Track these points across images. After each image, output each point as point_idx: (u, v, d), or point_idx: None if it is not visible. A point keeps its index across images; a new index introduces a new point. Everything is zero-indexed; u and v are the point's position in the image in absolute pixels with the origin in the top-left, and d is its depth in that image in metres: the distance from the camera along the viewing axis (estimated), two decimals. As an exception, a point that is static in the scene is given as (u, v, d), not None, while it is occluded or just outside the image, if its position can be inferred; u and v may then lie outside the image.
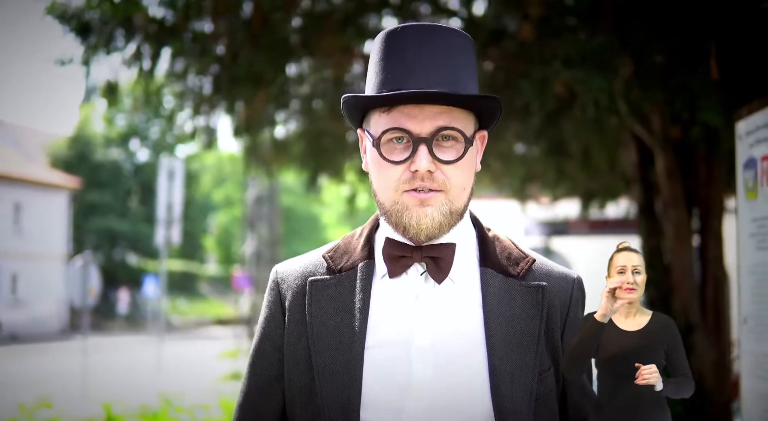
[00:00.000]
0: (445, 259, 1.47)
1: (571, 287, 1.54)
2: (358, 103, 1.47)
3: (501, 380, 1.41)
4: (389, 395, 1.42)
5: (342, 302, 1.48)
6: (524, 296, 1.49)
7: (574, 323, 1.53)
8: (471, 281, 1.50)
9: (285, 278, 1.55)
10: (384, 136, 1.44)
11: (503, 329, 1.45)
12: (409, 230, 1.44)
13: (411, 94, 1.39)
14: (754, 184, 2.68)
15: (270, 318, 1.55)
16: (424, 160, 1.41)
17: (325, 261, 1.54)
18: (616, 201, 9.41)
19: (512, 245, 1.56)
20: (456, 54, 1.46)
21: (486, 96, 1.44)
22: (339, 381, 1.43)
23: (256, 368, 1.55)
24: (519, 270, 1.51)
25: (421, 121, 1.42)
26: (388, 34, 1.48)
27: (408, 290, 1.47)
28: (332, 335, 1.46)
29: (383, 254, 1.50)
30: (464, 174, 1.46)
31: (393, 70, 1.44)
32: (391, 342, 1.44)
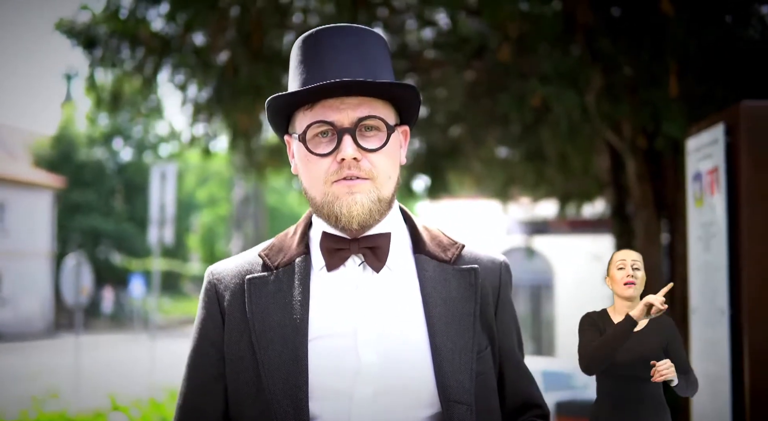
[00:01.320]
0: (381, 248, 1.51)
1: (499, 269, 1.59)
2: (281, 103, 1.49)
3: (443, 360, 1.45)
4: (337, 383, 1.45)
5: (282, 297, 1.50)
6: (458, 279, 1.53)
7: (505, 302, 1.59)
8: (407, 268, 1.54)
9: (221, 279, 1.56)
10: (309, 131, 1.48)
11: (441, 311, 1.49)
12: (341, 218, 1.47)
13: (330, 85, 1.42)
14: (701, 195, 3.12)
15: (207, 319, 1.56)
16: (349, 149, 1.45)
17: (261, 259, 1.56)
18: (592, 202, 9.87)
19: (441, 234, 1.61)
20: (371, 50, 1.50)
21: (402, 83, 1.48)
22: (285, 374, 1.44)
23: (196, 369, 1.55)
24: (450, 255, 1.56)
25: (343, 112, 1.46)
26: (304, 38, 1.53)
27: (347, 281, 1.51)
28: (275, 329, 1.47)
29: (321, 248, 1.53)
30: (389, 162, 1.49)
31: (312, 70, 1.48)
32: (336, 333, 1.47)
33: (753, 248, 2.77)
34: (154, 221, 12.35)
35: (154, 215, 12.35)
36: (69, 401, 7.15)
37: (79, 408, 6.88)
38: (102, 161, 40.92)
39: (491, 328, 1.55)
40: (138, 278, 30.26)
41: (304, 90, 1.44)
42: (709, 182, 3.02)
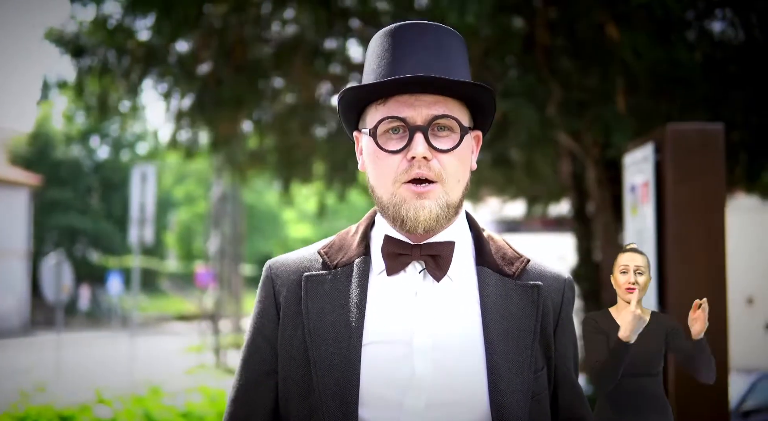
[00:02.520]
0: (444, 257, 1.47)
1: (563, 286, 1.56)
2: (354, 96, 1.47)
3: (499, 377, 1.42)
4: (388, 391, 1.42)
5: (338, 297, 1.47)
6: (520, 295, 1.49)
7: (566, 321, 1.55)
8: (468, 280, 1.50)
9: (279, 274, 1.54)
10: (380, 126, 1.44)
11: (500, 327, 1.45)
12: (406, 222, 1.44)
13: (405, 80, 1.39)
14: (636, 204, 3.54)
15: (263, 313, 1.54)
16: (421, 147, 1.40)
17: (320, 257, 1.54)
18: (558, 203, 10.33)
19: (507, 246, 1.57)
20: (448, 48, 1.47)
21: (480, 84, 1.44)
22: (337, 375, 1.42)
23: (249, 363, 1.54)
24: (514, 270, 1.52)
25: (417, 109, 1.42)
26: (383, 33, 1.49)
27: (406, 287, 1.48)
28: (329, 329, 1.45)
29: (382, 251, 1.49)
30: (460, 165, 1.45)
31: (388, 65, 1.44)
32: (391, 339, 1.44)
33: (676, 252, 3.19)
34: (134, 220, 12.64)
35: (135, 214, 12.64)
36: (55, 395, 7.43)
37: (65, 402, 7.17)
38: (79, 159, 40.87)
39: (549, 347, 1.52)
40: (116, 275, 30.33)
41: (378, 82, 1.41)
42: (642, 194, 3.45)
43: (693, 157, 3.13)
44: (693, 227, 3.14)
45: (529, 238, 18.62)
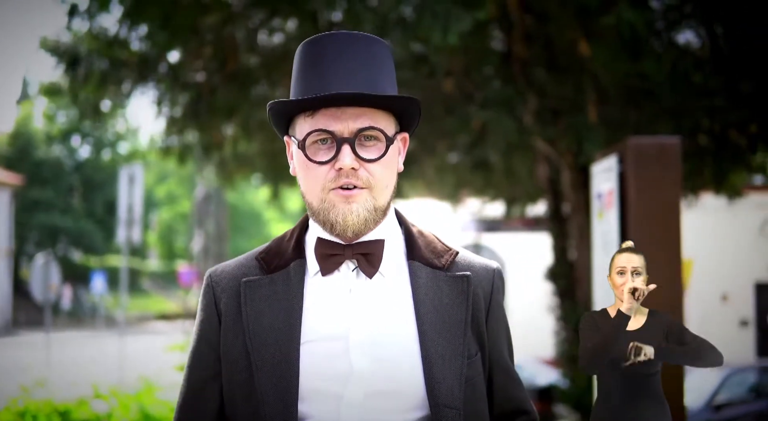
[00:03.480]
0: (375, 254, 1.53)
1: (492, 275, 1.61)
2: (282, 108, 1.53)
3: (433, 365, 1.48)
4: (327, 385, 1.48)
5: (276, 300, 1.53)
6: (450, 285, 1.55)
7: (496, 309, 1.61)
8: (400, 275, 1.56)
9: (219, 281, 1.59)
10: (309, 139, 1.49)
11: (433, 317, 1.52)
12: (336, 226, 1.50)
13: (332, 97, 1.45)
14: (602, 210, 3.90)
15: (205, 320, 1.59)
16: (348, 158, 1.46)
17: (257, 262, 1.59)
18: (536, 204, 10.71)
19: (436, 239, 1.63)
20: (374, 59, 1.52)
21: (403, 97, 1.51)
22: (277, 375, 1.48)
23: (193, 370, 1.59)
24: (444, 262, 1.57)
25: (343, 122, 1.47)
26: (308, 43, 1.54)
27: (341, 286, 1.54)
28: (268, 332, 1.51)
29: (315, 253, 1.55)
30: (386, 172, 1.51)
31: (315, 77, 1.49)
32: (329, 336, 1.50)
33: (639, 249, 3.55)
34: (122, 221, 12.88)
35: (122, 215, 12.88)
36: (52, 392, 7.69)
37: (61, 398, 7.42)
38: (60, 158, 40.80)
39: (482, 334, 1.57)
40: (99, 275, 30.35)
41: (305, 100, 1.47)
42: (607, 201, 3.81)
43: (652, 168, 3.49)
44: (652, 230, 3.50)
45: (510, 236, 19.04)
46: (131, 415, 7.38)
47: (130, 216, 12.80)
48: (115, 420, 7.22)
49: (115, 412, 7.32)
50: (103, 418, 7.25)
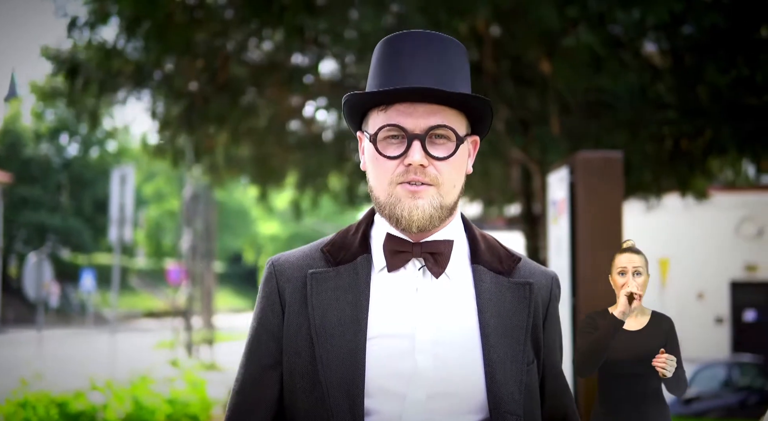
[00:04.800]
0: (443, 254, 1.53)
1: (551, 283, 1.62)
2: (357, 101, 1.53)
3: (495, 370, 1.48)
4: (392, 383, 1.48)
5: (342, 293, 1.53)
6: (513, 292, 1.56)
7: (553, 316, 1.62)
8: (464, 277, 1.56)
9: (282, 271, 1.59)
10: (380, 133, 1.50)
11: (495, 322, 1.52)
12: (401, 221, 1.50)
13: (405, 90, 1.45)
14: (556, 215, 4.37)
15: (267, 309, 1.59)
16: (417, 155, 1.46)
17: (323, 254, 1.59)
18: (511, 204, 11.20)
19: (499, 245, 1.63)
20: (450, 59, 1.52)
21: (476, 96, 1.50)
22: (343, 369, 1.47)
23: (253, 357, 1.58)
24: (507, 268, 1.58)
25: (415, 119, 1.47)
26: (387, 40, 1.55)
27: (407, 284, 1.54)
28: (334, 325, 1.50)
29: (384, 249, 1.55)
30: (455, 171, 1.50)
31: (391, 72, 1.50)
32: (395, 334, 1.50)
33: (585, 256, 4.02)
34: (113, 220, 13.25)
35: (114, 214, 13.25)
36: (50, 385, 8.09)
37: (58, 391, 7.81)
38: (48, 156, 40.91)
39: (539, 341, 1.58)
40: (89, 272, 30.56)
41: (379, 92, 1.48)
42: (560, 208, 4.27)
43: (597, 179, 3.94)
44: (597, 233, 3.96)
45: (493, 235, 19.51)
46: (126, 406, 7.79)
47: (122, 215, 13.17)
48: (111, 411, 7.63)
49: (110, 403, 7.73)
50: (99, 409, 7.66)
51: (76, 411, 7.53)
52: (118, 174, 13.32)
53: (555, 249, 4.43)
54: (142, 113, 45.19)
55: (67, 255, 41.83)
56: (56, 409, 7.50)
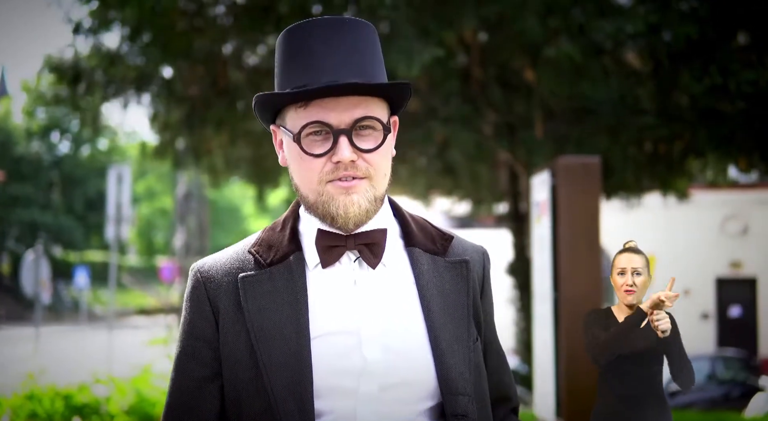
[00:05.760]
0: (377, 244, 1.50)
1: (482, 258, 1.62)
2: (273, 101, 1.48)
3: (444, 352, 1.47)
4: (342, 380, 1.44)
5: (278, 295, 1.48)
6: (450, 271, 1.54)
7: (488, 291, 1.61)
8: (401, 263, 1.54)
9: (210, 277, 1.52)
10: (303, 131, 1.44)
11: (437, 304, 1.50)
12: (337, 219, 1.46)
13: (327, 89, 1.40)
14: (539, 215, 4.69)
15: (197, 318, 1.51)
16: (346, 151, 1.42)
17: (252, 256, 1.53)
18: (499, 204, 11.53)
19: (430, 225, 1.60)
20: (364, 45, 1.47)
21: (399, 83, 1.47)
22: (289, 372, 1.43)
23: (187, 369, 1.51)
24: (441, 247, 1.56)
25: (339, 113, 1.43)
26: (293, 29, 1.48)
27: (344, 278, 1.50)
28: (275, 328, 1.46)
29: (317, 245, 1.50)
30: (384, 160, 1.48)
31: (304, 65, 1.44)
32: (339, 330, 1.47)
33: (566, 253, 4.34)
34: (110, 219, 13.51)
35: (111, 213, 13.51)
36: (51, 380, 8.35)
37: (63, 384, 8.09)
38: (40, 154, 40.98)
39: (479, 317, 1.57)
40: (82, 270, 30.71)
41: (299, 92, 1.42)
42: (542, 208, 4.59)
43: (576, 183, 4.26)
44: (577, 232, 4.28)
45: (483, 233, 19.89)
46: (128, 399, 8.07)
47: (119, 214, 13.44)
48: (114, 404, 7.90)
49: (113, 396, 8.01)
50: (103, 401, 7.93)
51: (80, 403, 7.79)
52: (114, 173, 13.59)
53: (538, 247, 4.76)
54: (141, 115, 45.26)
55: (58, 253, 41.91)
56: (62, 401, 7.77)
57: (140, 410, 7.98)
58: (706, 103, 6.03)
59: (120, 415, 7.77)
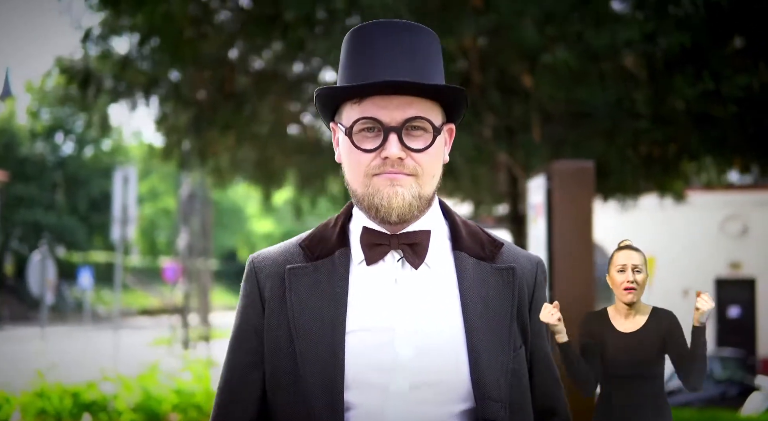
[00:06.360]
0: (421, 245, 1.51)
1: (536, 268, 1.61)
2: (330, 95, 1.52)
3: (479, 357, 1.47)
4: (373, 376, 1.47)
5: (321, 288, 1.52)
6: (496, 277, 1.54)
7: (539, 302, 1.58)
8: (446, 265, 1.55)
9: (262, 267, 1.59)
10: (356, 126, 1.48)
11: (479, 309, 1.50)
12: (380, 210, 1.48)
13: (381, 84, 1.43)
14: (535, 217, 4.88)
15: (248, 306, 1.58)
16: (395, 148, 1.45)
17: (301, 250, 1.58)
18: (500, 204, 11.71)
19: (481, 231, 1.61)
20: (423, 48, 1.50)
21: (451, 86, 1.49)
22: (322, 364, 1.46)
23: (236, 354, 1.58)
24: (489, 253, 1.56)
25: (391, 111, 1.46)
26: (357, 31, 1.53)
27: (386, 276, 1.53)
28: (313, 320, 1.50)
29: (361, 242, 1.54)
30: (433, 162, 1.49)
31: (363, 64, 1.48)
32: (374, 326, 1.49)
33: (561, 253, 4.53)
34: (116, 220, 13.71)
35: (117, 214, 13.71)
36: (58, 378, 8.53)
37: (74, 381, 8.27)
38: (44, 155, 41.20)
39: (525, 327, 1.56)
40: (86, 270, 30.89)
41: (353, 86, 1.46)
42: (538, 210, 4.78)
43: (571, 187, 4.45)
44: (571, 233, 4.46)
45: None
46: (135, 396, 8.26)
47: (125, 215, 13.64)
48: (121, 401, 8.09)
49: (120, 393, 8.20)
50: (110, 399, 8.12)
51: (88, 401, 7.98)
52: (120, 174, 13.79)
53: (534, 247, 4.95)
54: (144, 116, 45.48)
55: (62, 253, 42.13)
56: (70, 399, 7.95)
57: (147, 408, 8.17)
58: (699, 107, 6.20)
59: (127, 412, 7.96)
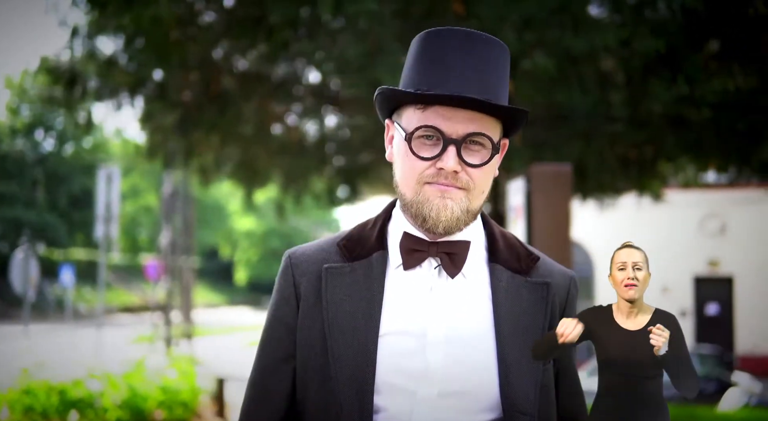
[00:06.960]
0: (459, 255, 1.52)
1: (569, 284, 1.61)
2: (394, 96, 1.51)
3: (510, 369, 1.47)
4: (403, 380, 1.47)
5: (357, 289, 1.53)
6: (530, 291, 1.54)
7: (570, 316, 1.56)
8: (481, 277, 1.55)
9: (299, 264, 1.59)
10: (416, 132, 1.47)
11: (511, 322, 1.51)
12: (428, 220, 1.48)
13: (450, 97, 1.43)
14: (515, 219, 5.03)
15: (283, 301, 1.59)
16: (452, 161, 1.45)
17: (339, 249, 1.58)
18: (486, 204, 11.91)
19: (518, 243, 1.62)
20: (494, 62, 1.49)
21: (519, 109, 1.49)
22: (354, 365, 1.47)
23: (268, 349, 1.59)
24: (525, 267, 1.56)
25: (454, 123, 1.45)
26: (430, 34, 1.51)
27: (422, 283, 1.53)
28: (347, 320, 1.50)
29: (401, 247, 1.54)
30: (486, 178, 1.50)
31: (432, 70, 1.47)
32: (406, 331, 1.49)
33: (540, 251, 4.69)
34: (100, 218, 13.74)
35: (100, 213, 13.74)
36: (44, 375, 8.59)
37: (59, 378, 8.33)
38: (24, 152, 40.96)
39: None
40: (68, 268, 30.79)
41: (422, 94, 1.46)
42: (518, 212, 4.93)
43: (549, 189, 4.60)
44: (549, 233, 4.62)
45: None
46: (121, 393, 8.34)
47: (108, 214, 13.67)
48: (107, 398, 8.18)
49: (106, 391, 8.28)
50: (96, 396, 8.20)
51: (75, 398, 8.06)
52: (104, 173, 13.81)
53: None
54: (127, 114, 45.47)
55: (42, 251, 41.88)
56: (57, 396, 8.03)
57: (133, 404, 8.26)
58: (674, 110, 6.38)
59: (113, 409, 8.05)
